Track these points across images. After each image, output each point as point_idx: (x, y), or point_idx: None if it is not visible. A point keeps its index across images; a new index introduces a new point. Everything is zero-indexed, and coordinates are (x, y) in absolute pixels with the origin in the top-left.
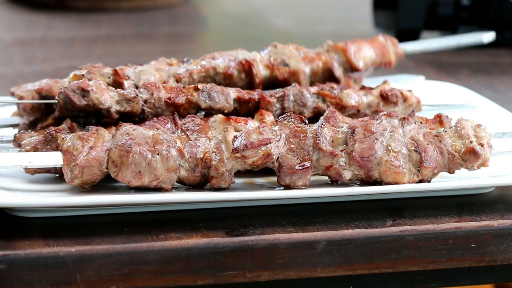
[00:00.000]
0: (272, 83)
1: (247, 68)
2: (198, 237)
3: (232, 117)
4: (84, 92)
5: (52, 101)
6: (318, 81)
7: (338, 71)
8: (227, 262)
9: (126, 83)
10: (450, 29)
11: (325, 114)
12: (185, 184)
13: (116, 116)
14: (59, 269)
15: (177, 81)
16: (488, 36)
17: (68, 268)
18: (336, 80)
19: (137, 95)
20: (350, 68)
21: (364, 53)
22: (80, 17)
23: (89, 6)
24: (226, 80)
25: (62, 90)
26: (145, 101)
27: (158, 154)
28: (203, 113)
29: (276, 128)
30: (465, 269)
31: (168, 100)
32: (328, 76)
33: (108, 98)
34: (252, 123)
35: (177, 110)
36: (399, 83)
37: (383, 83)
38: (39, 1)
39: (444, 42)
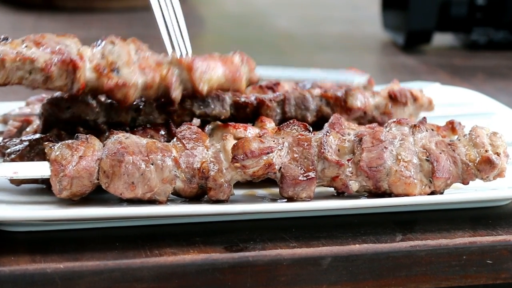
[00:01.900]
0: (96, 90)
1: (70, 69)
2: (195, 253)
3: (230, 123)
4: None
5: (35, 113)
6: (150, 97)
7: (176, 92)
8: (226, 279)
9: None
10: (464, 30)
11: (330, 120)
12: (181, 197)
13: (105, 127)
14: (47, 287)
15: None
16: (361, 79)
17: (56, 285)
18: (172, 102)
19: None
20: (192, 89)
21: (211, 75)
22: (69, 17)
23: (78, 6)
24: (43, 76)
25: (44, 102)
26: (136, 109)
27: (152, 164)
28: (199, 121)
29: (278, 136)
30: (480, 286)
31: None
32: (163, 93)
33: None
34: (252, 130)
35: (170, 118)
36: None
37: (392, 84)
38: (26, 1)
39: (303, 74)
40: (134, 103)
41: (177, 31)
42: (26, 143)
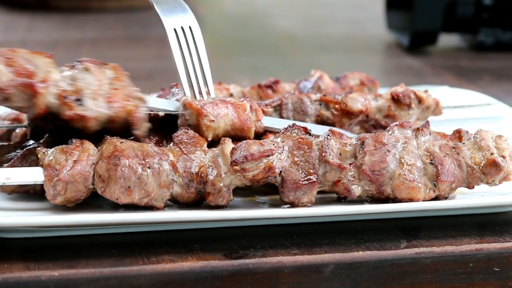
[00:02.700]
0: (58, 115)
1: (30, 93)
2: (194, 260)
3: None
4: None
5: (22, 125)
6: (114, 130)
7: (140, 130)
8: (225, 287)
9: None
10: (471, 31)
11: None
12: (179, 203)
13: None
14: None
15: None
16: None
17: None
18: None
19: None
20: (197, 132)
21: (219, 123)
22: (64, 18)
23: (74, 6)
24: (1, 95)
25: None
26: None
27: (149, 168)
28: None
29: (278, 140)
30: None
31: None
32: (127, 128)
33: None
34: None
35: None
36: None
37: (397, 87)
38: (20, 1)
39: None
40: None
41: (198, 68)
42: (19, 153)
